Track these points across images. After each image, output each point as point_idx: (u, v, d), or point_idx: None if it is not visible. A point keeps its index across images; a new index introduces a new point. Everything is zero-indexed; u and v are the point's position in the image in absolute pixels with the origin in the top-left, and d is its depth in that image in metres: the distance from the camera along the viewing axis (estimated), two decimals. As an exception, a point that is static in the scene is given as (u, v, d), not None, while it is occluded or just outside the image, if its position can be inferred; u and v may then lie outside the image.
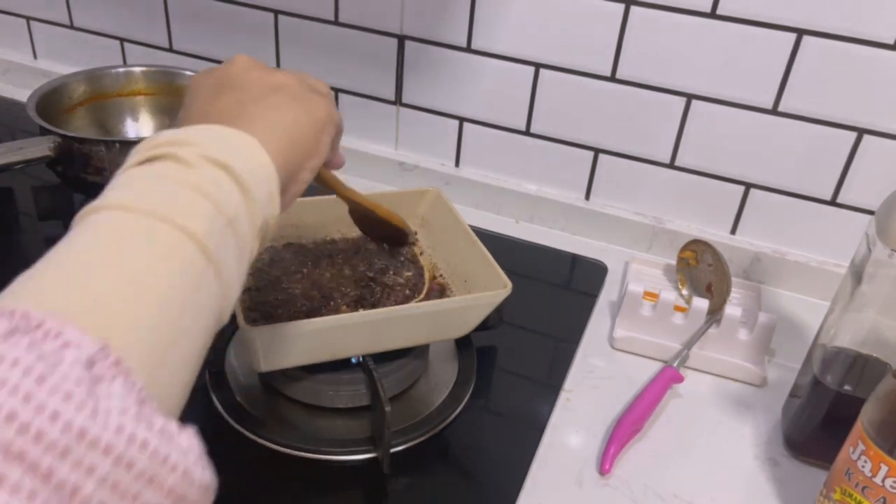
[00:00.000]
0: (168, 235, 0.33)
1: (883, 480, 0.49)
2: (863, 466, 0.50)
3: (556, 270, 0.88)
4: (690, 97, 0.82)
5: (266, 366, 0.59)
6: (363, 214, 0.65)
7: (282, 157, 0.41)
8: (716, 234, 0.88)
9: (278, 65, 1.01)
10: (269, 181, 0.39)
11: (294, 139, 0.43)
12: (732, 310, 0.72)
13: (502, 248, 0.72)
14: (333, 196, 0.62)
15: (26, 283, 0.31)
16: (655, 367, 0.73)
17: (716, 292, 0.79)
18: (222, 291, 0.35)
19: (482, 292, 0.63)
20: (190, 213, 0.34)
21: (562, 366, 0.73)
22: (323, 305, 0.64)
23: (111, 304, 0.30)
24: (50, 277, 0.31)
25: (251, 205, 0.38)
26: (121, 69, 0.92)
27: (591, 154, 0.90)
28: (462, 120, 0.94)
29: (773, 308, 0.83)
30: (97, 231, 0.34)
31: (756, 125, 0.80)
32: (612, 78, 0.84)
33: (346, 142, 1.01)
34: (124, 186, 0.36)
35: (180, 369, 0.33)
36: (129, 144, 0.79)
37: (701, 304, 0.73)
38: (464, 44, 0.89)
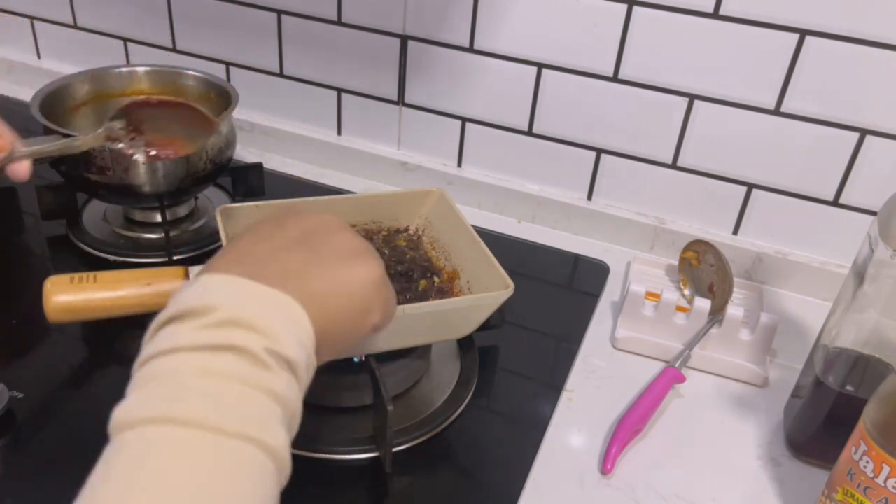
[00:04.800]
0: (256, 458, 0.32)
1: (885, 481, 0.49)
2: (865, 467, 0.50)
3: (558, 270, 0.88)
4: (693, 97, 0.82)
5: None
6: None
7: (330, 328, 0.40)
8: (718, 234, 0.88)
9: (280, 64, 1.01)
10: (310, 356, 0.38)
11: (344, 312, 0.41)
12: (734, 310, 0.72)
13: (504, 248, 0.72)
14: (342, 196, 0.62)
15: None
16: (657, 367, 0.73)
17: (718, 292, 0.79)
18: (283, 480, 0.35)
19: (484, 292, 0.63)
20: (274, 429, 0.34)
21: (564, 366, 0.73)
22: None
23: None
24: None
25: (301, 390, 0.37)
26: (124, 69, 0.92)
27: (593, 154, 0.90)
28: (464, 120, 0.94)
29: (775, 308, 0.83)
30: (188, 461, 0.31)
31: (758, 125, 0.80)
32: (615, 78, 0.84)
33: (349, 141, 1.02)
34: (202, 392, 0.32)
35: None
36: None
37: (703, 304, 0.73)
38: (466, 44, 0.89)
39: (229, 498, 0.31)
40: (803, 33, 0.74)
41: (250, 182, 0.93)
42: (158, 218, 0.86)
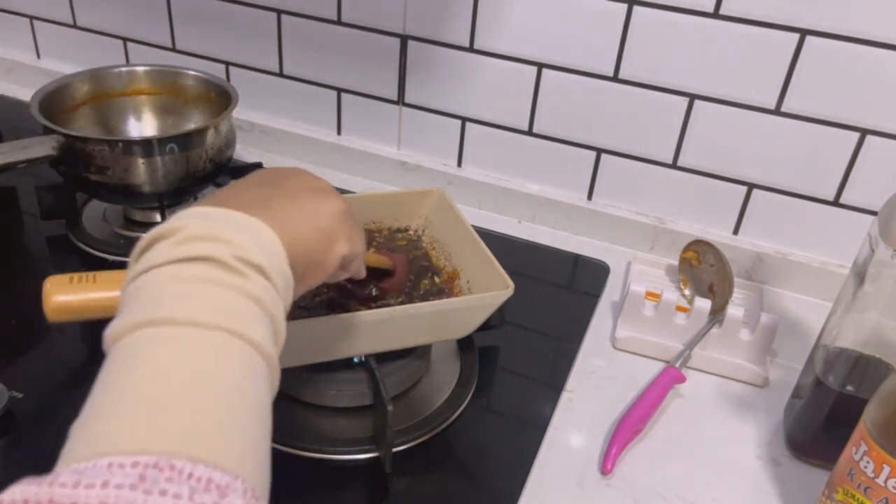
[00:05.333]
0: (240, 349, 0.35)
1: (885, 481, 0.49)
2: (865, 467, 0.50)
3: (559, 270, 0.88)
4: (693, 97, 0.82)
5: (268, 365, 0.59)
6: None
7: (298, 249, 0.42)
8: (718, 234, 0.88)
9: (280, 64, 1.01)
10: (284, 268, 0.40)
11: (310, 234, 0.44)
12: (734, 310, 0.72)
13: (504, 248, 0.72)
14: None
15: (133, 419, 0.30)
16: (657, 367, 0.73)
17: (718, 293, 0.79)
18: (275, 382, 0.37)
19: (484, 293, 0.63)
20: (252, 324, 0.35)
21: (564, 366, 0.73)
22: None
23: (232, 439, 0.31)
24: (166, 416, 0.31)
25: (280, 297, 0.39)
26: (124, 69, 0.92)
27: (593, 154, 0.90)
28: (464, 120, 0.94)
29: (775, 308, 0.83)
30: (177, 350, 0.33)
31: (759, 125, 0.80)
32: (615, 78, 0.84)
33: (349, 141, 1.02)
34: (179, 295, 0.35)
35: (268, 460, 0.35)
36: (132, 144, 0.79)
37: (703, 304, 0.73)
38: (466, 44, 0.89)
39: (221, 383, 0.33)
40: (804, 33, 0.74)
41: (250, 182, 0.93)
42: (158, 218, 0.86)
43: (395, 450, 0.61)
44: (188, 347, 0.33)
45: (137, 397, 0.31)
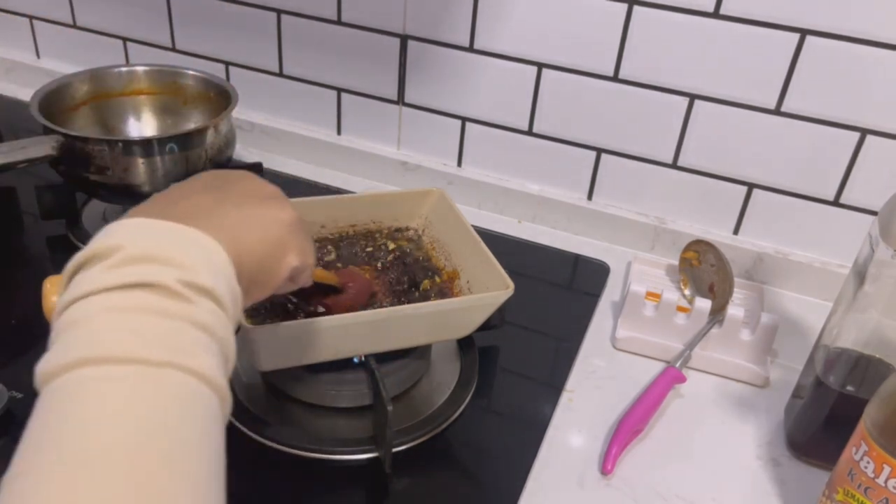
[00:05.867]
0: (190, 387, 0.32)
1: (886, 481, 0.49)
2: (865, 467, 0.50)
3: (559, 270, 0.88)
4: (693, 97, 0.81)
5: (267, 365, 0.59)
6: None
7: (246, 261, 0.40)
8: (718, 234, 0.88)
9: (280, 64, 1.01)
10: (232, 285, 0.38)
11: (258, 246, 0.41)
12: (735, 310, 0.72)
13: (505, 248, 0.72)
14: (342, 196, 0.61)
15: (73, 478, 0.27)
16: (657, 367, 0.73)
17: (718, 293, 0.79)
18: (226, 412, 0.35)
19: (484, 292, 0.63)
20: (201, 356, 0.33)
21: (564, 366, 0.73)
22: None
23: (185, 493, 0.29)
24: (107, 480, 0.27)
25: (229, 318, 0.37)
26: (124, 69, 0.92)
27: (593, 154, 0.90)
28: (464, 120, 0.94)
29: (775, 308, 0.83)
30: (120, 394, 0.30)
31: (759, 125, 0.80)
32: (615, 78, 0.84)
33: (349, 141, 1.02)
34: (120, 328, 0.32)
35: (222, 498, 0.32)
36: (132, 144, 0.79)
37: (703, 304, 0.73)
38: (466, 44, 0.89)
39: (168, 424, 0.30)
40: (804, 33, 0.74)
41: (250, 182, 0.93)
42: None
43: (395, 450, 0.61)
44: (132, 390, 0.30)
45: (76, 452, 0.28)
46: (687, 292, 0.84)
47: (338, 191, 0.98)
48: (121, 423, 0.29)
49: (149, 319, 0.32)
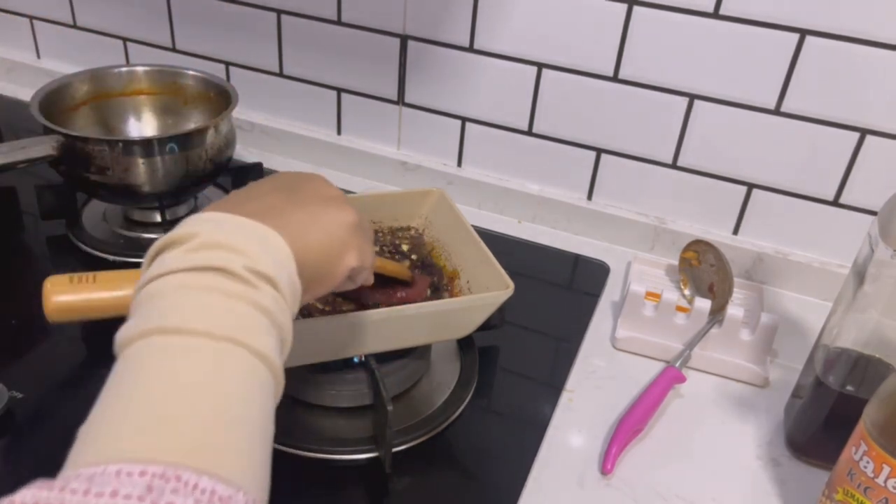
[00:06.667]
0: (248, 361, 0.35)
1: (885, 481, 0.49)
2: (865, 467, 0.50)
3: (559, 270, 0.88)
4: (693, 97, 0.82)
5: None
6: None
7: (307, 258, 0.42)
8: (718, 234, 0.88)
9: (280, 64, 1.01)
10: (293, 277, 0.40)
11: (320, 245, 0.44)
12: (734, 310, 0.72)
13: (505, 248, 0.72)
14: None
15: (141, 427, 0.31)
16: (657, 367, 0.73)
17: (718, 293, 0.79)
18: (279, 391, 0.38)
19: (484, 292, 0.63)
20: (260, 335, 0.36)
21: (564, 366, 0.73)
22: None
23: (236, 451, 0.32)
24: (173, 426, 0.31)
25: (288, 307, 0.40)
26: (124, 69, 0.92)
27: (593, 154, 0.90)
28: (464, 120, 0.94)
29: (775, 308, 0.83)
30: (186, 360, 0.34)
31: (759, 125, 0.80)
32: (615, 78, 0.84)
33: (349, 141, 1.02)
34: (191, 304, 0.35)
35: (268, 470, 0.35)
36: (132, 144, 0.79)
37: (703, 304, 0.73)
38: (466, 44, 0.89)
39: (228, 395, 0.33)
40: (804, 33, 0.74)
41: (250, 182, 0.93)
42: (158, 218, 0.86)
43: (395, 450, 0.61)
44: (197, 357, 0.34)
45: (146, 405, 0.31)
46: (687, 292, 0.84)
47: (338, 191, 0.98)
48: (185, 384, 0.32)
49: (216, 298, 0.36)
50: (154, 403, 0.31)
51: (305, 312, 0.63)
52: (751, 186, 0.84)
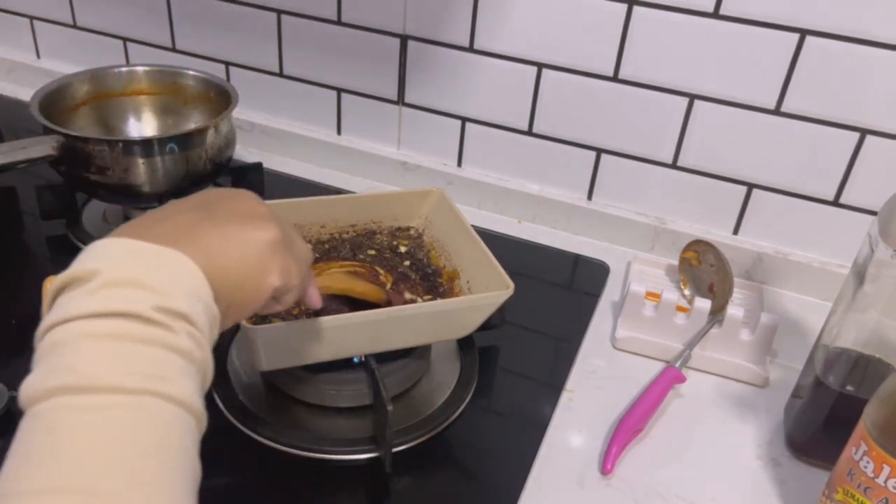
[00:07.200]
0: (167, 412, 0.33)
1: (885, 481, 0.49)
2: (865, 467, 0.50)
3: (559, 270, 0.88)
4: (693, 97, 0.82)
5: (268, 365, 0.59)
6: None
7: (225, 282, 0.40)
8: (718, 234, 0.88)
9: (280, 64, 1.01)
10: (209, 305, 0.38)
11: (237, 266, 0.41)
12: (734, 310, 0.72)
13: (505, 248, 0.72)
14: (342, 196, 0.61)
15: (53, 491, 0.29)
16: (657, 367, 0.73)
17: (718, 293, 0.79)
18: (202, 428, 0.36)
19: (484, 292, 0.63)
20: (177, 380, 0.34)
21: (564, 366, 0.73)
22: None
23: None
24: (86, 493, 0.29)
25: (207, 340, 0.38)
26: (124, 69, 0.92)
27: (593, 154, 0.90)
28: (464, 120, 0.94)
29: (775, 308, 0.83)
30: (99, 422, 0.31)
31: (758, 125, 0.80)
32: (615, 78, 0.84)
33: (349, 141, 1.02)
34: (98, 356, 0.33)
35: None
36: (132, 144, 0.79)
37: (703, 304, 0.73)
38: (466, 44, 0.89)
39: (146, 449, 0.32)
40: (804, 33, 0.74)
41: (250, 182, 0.93)
42: (158, 218, 0.86)
43: (395, 450, 0.61)
44: (110, 416, 0.32)
45: (57, 473, 0.29)
46: (687, 292, 0.84)
47: (338, 191, 0.98)
48: (98, 451, 0.30)
49: (126, 346, 0.33)
50: (65, 474, 0.29)
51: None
52: (751, 186, 0.84)
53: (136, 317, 0.34)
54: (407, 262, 0.72)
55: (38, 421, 0.31)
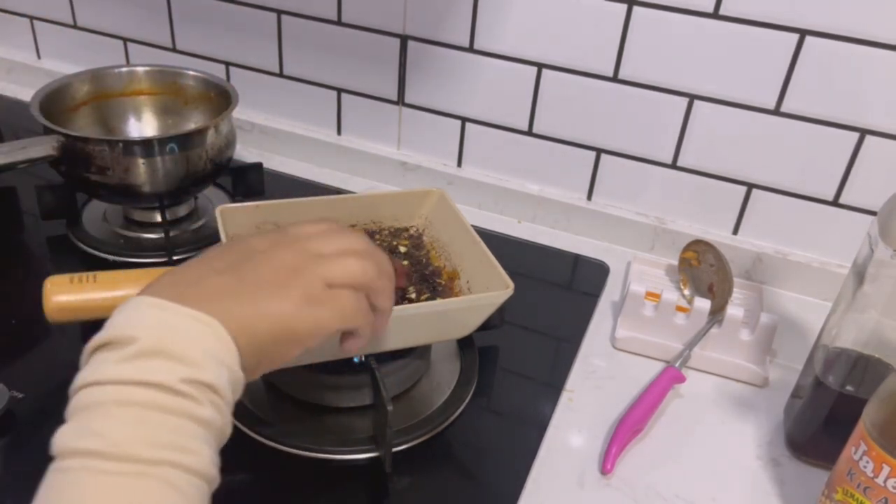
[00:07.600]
0: (183, 482, 0.36)
1: (885, 481, 0.49)
2: (865, 467, 0.50)
3: (558, 270, 0.88)
4: (693, 97, 0.82)
5: (268, 365, 0.59)
6: None
7: (254, 348, 0.42)
8: (718, 234, 0.88)
9: (280, 64, 1.01)
10: (234, 371, 0.41)
11: (266, 336, 0.43)
12: (734, 310, 0.72)
13: (504, 248, 0.72)
14: (342, 196, 0.62)
15: None
16: (657, 367, 0.73)
17: (718, 293, 0.79)
18: (213, 487, 0.39)
19: (484, 292, 0.63)
20: (197, 449, 0.37)
21: (564, 366, 0.73)
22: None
23: None
24: None
25: (228, 405, 0.41)
26: (124, 69, 0.92)
27: (593, 154, 0.90)
28: (464, 120, 0.94)
29: (774, 308, 0.83)
30: (118, 490, 0.35)
31: (758, 125, 0.80)
32: (615, 78, 0.84)
33: (349, 141, 1.02)
34: (125, 424, 0.36)
35: None
36: (133, 144, 0.79)
37: (703, 304, 0.73)
38: (466, 44, 0.89)
39: None
40: (803, 33, 0.74)
41: (250, 182, 0.93)
42: (158, 218, 0.86)
43: (394, 450, 0.61)
44: (129, 484, 0.35)
45: None
46: (686, 292, 0.84)
47: (338, 191, 0.98)
48: None
49: (152, 415, 0.37)
50: None
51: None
52: (751, 186, 0.84)
53: (166, 388, 0.37)
54: (406, 263, 0.72)
55: (66, 476, 0.35)
